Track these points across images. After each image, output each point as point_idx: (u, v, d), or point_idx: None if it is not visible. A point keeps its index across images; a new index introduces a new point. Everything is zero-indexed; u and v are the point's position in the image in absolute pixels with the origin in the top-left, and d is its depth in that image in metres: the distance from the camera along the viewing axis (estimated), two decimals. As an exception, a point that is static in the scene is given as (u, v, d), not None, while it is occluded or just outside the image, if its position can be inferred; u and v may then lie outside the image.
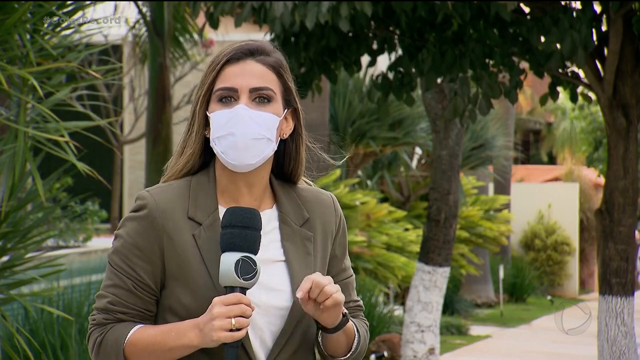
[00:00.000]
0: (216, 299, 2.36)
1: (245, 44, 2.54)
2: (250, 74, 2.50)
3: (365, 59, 7.81)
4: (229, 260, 2.38)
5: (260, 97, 2.49)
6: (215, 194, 2.52)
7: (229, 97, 2.49)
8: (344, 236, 2.66)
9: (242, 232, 2.39)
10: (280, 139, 2.56)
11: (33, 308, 6.98)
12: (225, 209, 2.48)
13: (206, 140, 2.54)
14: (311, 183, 2.67)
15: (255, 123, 2.46)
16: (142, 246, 2.46)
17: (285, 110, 2.54)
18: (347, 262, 2.67)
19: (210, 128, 2.51)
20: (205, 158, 2.56)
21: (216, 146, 2.49)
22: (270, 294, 2.48)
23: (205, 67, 2.55)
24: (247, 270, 2.37)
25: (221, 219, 2.44)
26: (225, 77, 2.51)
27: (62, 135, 5.09)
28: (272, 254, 2.52)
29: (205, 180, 2.53)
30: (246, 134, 2.46)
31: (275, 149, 2.52)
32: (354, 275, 2.69)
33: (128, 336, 2.44)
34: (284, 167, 2.60)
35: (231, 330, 2.34)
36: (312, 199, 2.62)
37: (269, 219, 2.55)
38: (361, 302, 2.71)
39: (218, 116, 2.48)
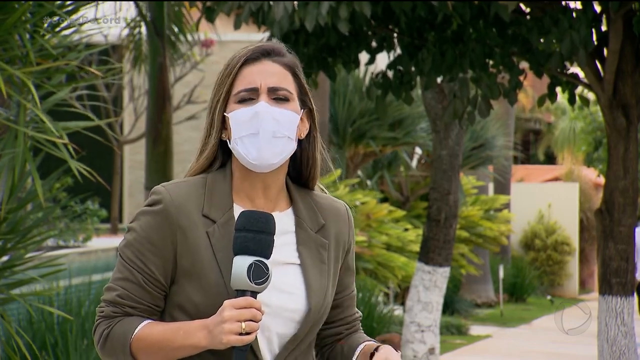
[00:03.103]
0: (227, 302, 2.34)
1: (260, 45, 2.53)
2: (268, 74, 2.48)
3: (363, 57, 7.81)
4: (241, 264, 2.36)
5: (278, 97, 2.47)
6: (230, 193, 2.50)
7: (250, 97, 2.47)
8: (353, 248, 2.66)
9: (256, 236, 2.37)
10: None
11: (33, 308, 6.98)
12: (240, 209, 2.47)
13: (221, 142, 2.52)
14: (326, 190, 2.65)
15: (276, 121, 2.44)
16: (155, 240, 2.45)
17: (302, 111, 2.52)
18: (354, 275, 2.68)
19: (227, 130, 2.49)
20: (223, 158, 2.54)
21: (237, 146, 2.46)
22: (281, 296, 2.47)
23: (222, 70, 2.52)
24: (259, 274, 2.35)
25: (235, 219, 2.42)
26: (244, 78, 2.48)
27: (61, 136, 5.08)
28: (286, 256, 2.50)
29: (221, 178, 2.51)
30: (269, 132, 2.43)
31: (295, 149, 2.50)
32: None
33: (136, 331, 2.43)
34: (301, 170, 2.58)
35: (241, 334, 2.33)
36: (327, 207, 2.60)
37: (284, 221, 2.53)
38: (360, 313, 2.73)
39: (239, 115, 2.46)
